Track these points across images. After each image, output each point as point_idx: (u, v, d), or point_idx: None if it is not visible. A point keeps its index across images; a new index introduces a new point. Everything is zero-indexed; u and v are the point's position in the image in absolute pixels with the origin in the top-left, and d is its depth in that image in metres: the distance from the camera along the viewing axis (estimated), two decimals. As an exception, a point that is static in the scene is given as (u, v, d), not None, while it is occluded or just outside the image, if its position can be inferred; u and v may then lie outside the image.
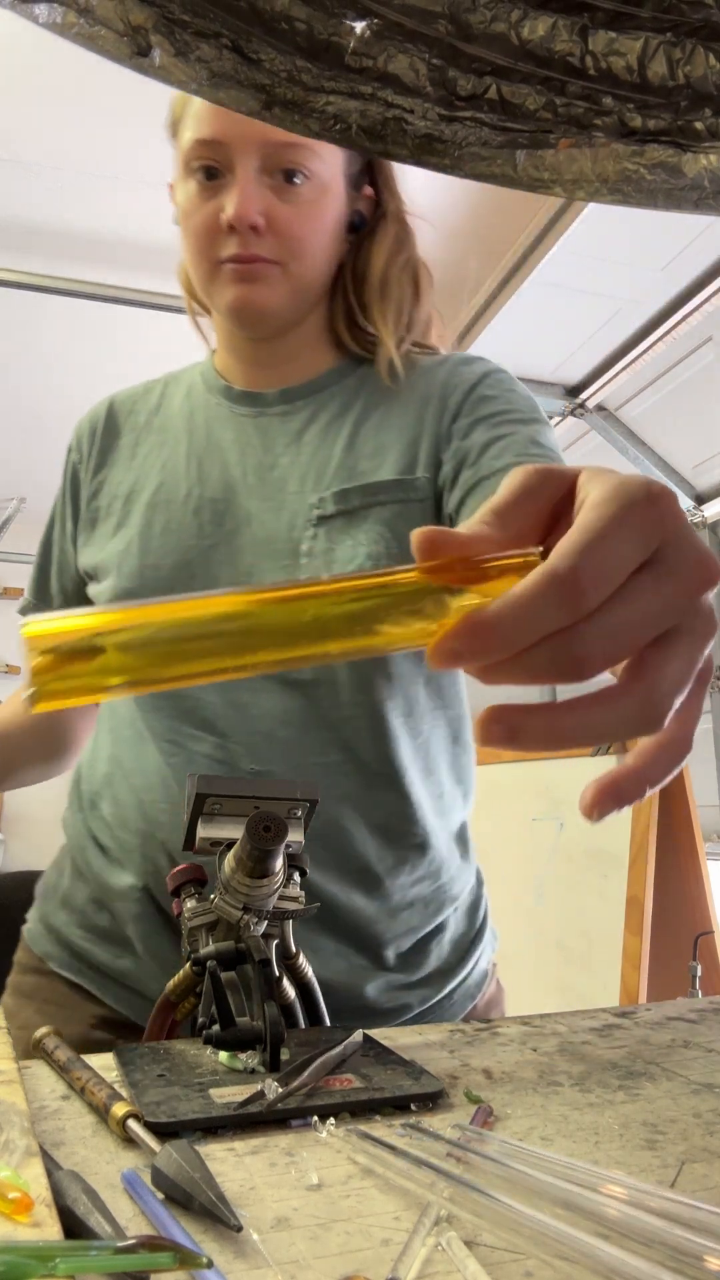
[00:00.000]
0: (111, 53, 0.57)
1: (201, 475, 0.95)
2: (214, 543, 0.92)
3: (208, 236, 0.88)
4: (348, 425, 0.94)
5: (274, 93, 0.58)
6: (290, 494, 0.92)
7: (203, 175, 0.87)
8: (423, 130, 0.60)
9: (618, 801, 0.40)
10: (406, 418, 0.94)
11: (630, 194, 0.62)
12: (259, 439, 0.96)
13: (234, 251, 0.87)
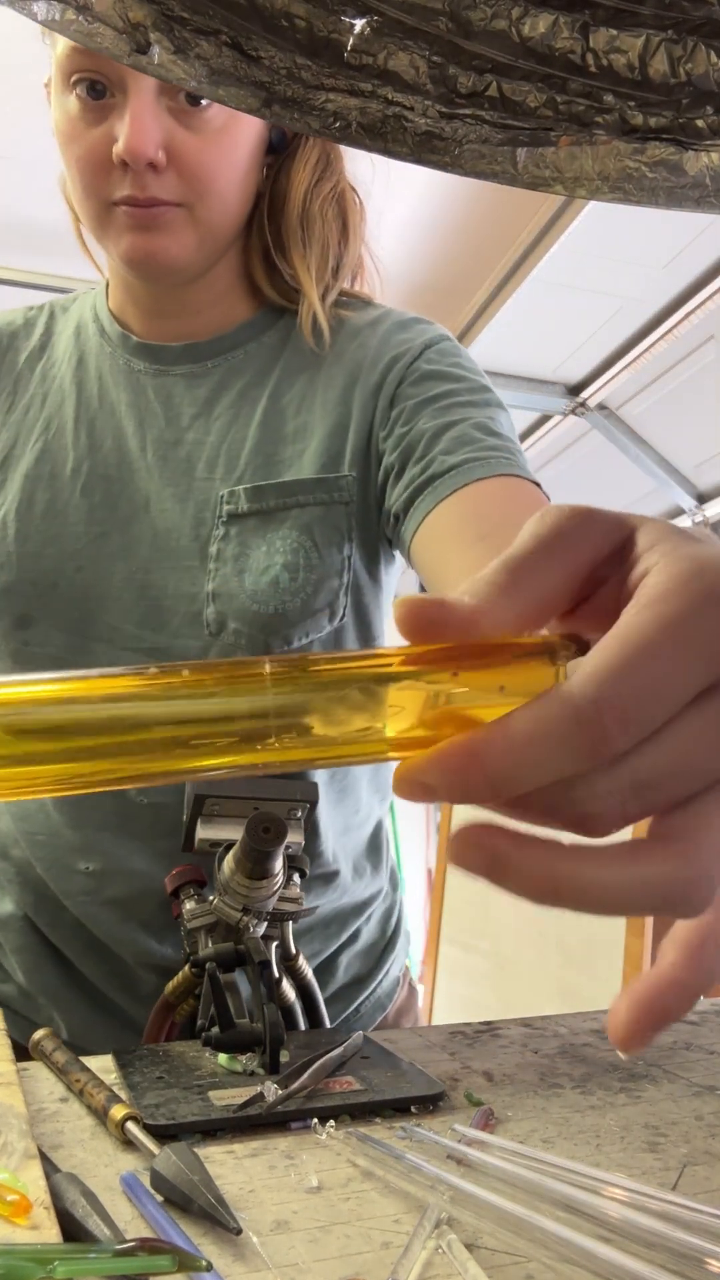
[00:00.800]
0: (110, 50, 0.57)
1: (92, 444, 0.82)
2: (105, 530, 0.80)
3: (96, 171, 0.72)
4: (264, 397, 0.82)
5: (273, 90, 0.58)
6: (198, 480, 0.80)
7: (86, 91, 0.70)
8: (423, 128, 0.60)
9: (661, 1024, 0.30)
10: (332, 392, 0.82)
11: (631, 192, 0.62)
12: (161, 406, 0.83)
13: (128, 193, 0.72)
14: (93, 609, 0.80)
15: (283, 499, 0.79)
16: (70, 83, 0.72)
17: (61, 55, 0.72)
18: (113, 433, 0.83)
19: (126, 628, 0.80)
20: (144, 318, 0.85)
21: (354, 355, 0.84)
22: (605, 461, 3.00)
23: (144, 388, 0.84)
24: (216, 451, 0.81)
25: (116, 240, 0.76)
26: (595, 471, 3.11)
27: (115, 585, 0.80)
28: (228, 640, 0.79)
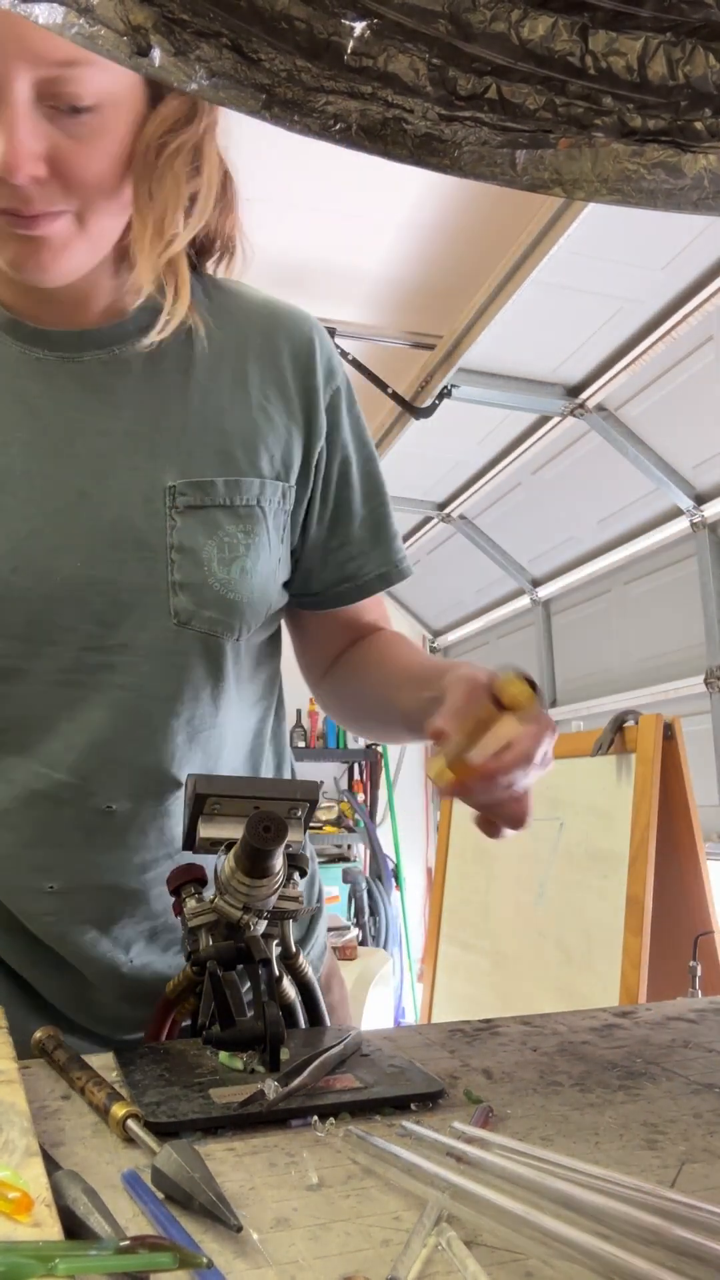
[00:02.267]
0: (111, 52, 0.57)
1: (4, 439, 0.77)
2: (36, 527, 0.76)
3: None
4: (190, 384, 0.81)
5: (274, 92, 0.58)
6: (138, 469, 0.78)
7: None
8: (423, 130, 0.60)
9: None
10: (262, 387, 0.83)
11: (630, 194, 0.62)
12: (79, 394, 0.79)
13: (10, 205, 0.67)
14: (38, 611, 0.77)
15: (241, 496, 0.81)
16: None
17: None
18: (27, 425, 0.78)
19: (83, 626, 0.77)
20: (34, 304, 0.79)
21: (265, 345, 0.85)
22: (604, 462, 3.00)
23: (53, 375, 0.79)
24: (151, 440, 0.79)
25: (3, 249, 0.72)
26: (594, 472, 3.11)
27: (58, 583, 0.77)
28: (199, 628, 0.79)
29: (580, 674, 3.66)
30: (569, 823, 2.38)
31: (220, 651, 0.82)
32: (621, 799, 2.18)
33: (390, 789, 4.75)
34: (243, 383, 0.84)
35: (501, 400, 2.82)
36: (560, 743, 1.75)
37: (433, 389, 2.72)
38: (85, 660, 0.78)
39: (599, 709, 3.41)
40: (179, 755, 0.81)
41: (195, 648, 0.80)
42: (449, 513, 3.79)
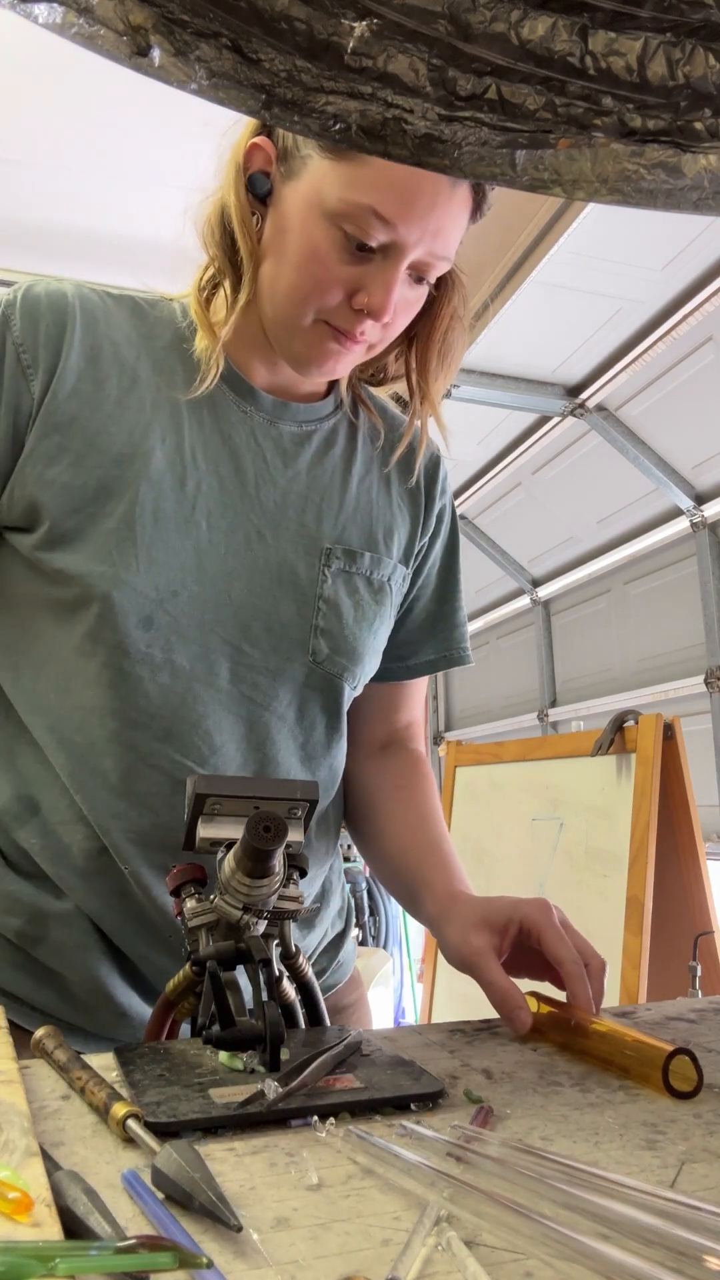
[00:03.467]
0: (111, 52, 0.57)
1: (207, 467, 0.89)
2: (222, 552, 0.88)
3: (325, 294, 0.82)
4: (354, 470, 0.98)
5: (274, 92, 0.58)
6: (306, 526, 0.92)
7: (354, 241, 0.80)
8: (422, 130, 0.60)
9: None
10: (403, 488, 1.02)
11: (630, 194, 0.62)
12: (270, 451, 0.93)
13: (346, 326, 0.84)
14: (208, 620, 0.88)
15: (378, 572, 0.97)
16: (343, 225, 0.80)
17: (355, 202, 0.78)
18: (227, 462, 0.90)
19: (238, 643, 0.89)
20: (260, 368, 0.93)
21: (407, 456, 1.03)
22: (604, 462, 3.00)
23: (255, 431, 0.93)
24: (318, 506, 0.94)
25: (306, 343, 0.87)
26: (594, 472, 3.11)
27: (227, 600, 0.88)
28: (327, 669, 0.93)
29: (580, 674, 3.67)
30: (569, 823, 2.38)
31: (339, 693, 0.95)
32: (621, 799, 2.18)
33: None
34: (388, 481, 1.01)
35: (501, 400, 2.82)
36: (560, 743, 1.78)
37: (433, 389, 2.72)
38: (235, 673, 0.89)
39: (599, 709, 3.41)
40: (294, 773, 0.94)
41: (321, 684, 0.93)
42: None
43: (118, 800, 0.87)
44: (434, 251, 0.82)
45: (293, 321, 0.85)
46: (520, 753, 2.72)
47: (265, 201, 0.85)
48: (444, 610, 1.08)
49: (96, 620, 0.85)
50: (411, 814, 1.01)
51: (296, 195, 0.82)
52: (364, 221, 0.78)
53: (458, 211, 0.81)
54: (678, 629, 3.10)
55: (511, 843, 2.66)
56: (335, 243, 0.80)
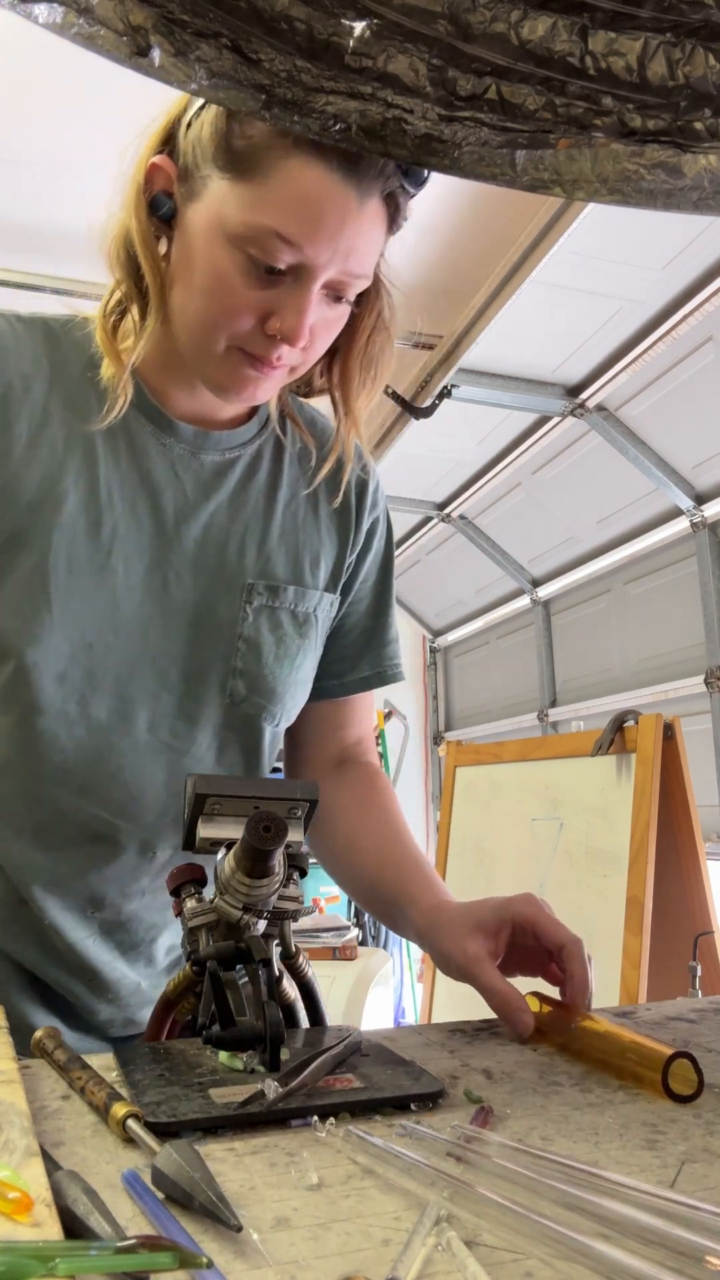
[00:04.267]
0: (111, 52, 0.57)
1: (125, 509, 0.85)
2: (140, 598, 0.86)
3: (239, 321, 0.78)
4: (279, 499, 0.94)
5: (273, 93, 0.58)
6: (227, 564, 0.89)
7: (260, 264, 0.75)
8: (422, 130, 0.60)
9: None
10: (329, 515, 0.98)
11: (630, 194, 0.62)
12: (191, 486, 0.89)
13: (262, 352, 0.79)
14: (125, 674, 0.86)
15: (303, 604, 0.94)
16: (247, 248, 0.75)
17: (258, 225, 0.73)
18: (145, 500, 0.87)
19: (156, 690, 0.88)
20: (180, 396, 0.89)
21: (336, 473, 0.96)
22: (604, 462, 3.00)
23: (175, 463, 0.88)
24: (241, 539, 0.91)
25: (221, 371, 0.82)
26: (594, 472, 3.11)
27: (148, 651, 0.87)
28: (245, 710, 0.92)
29: (580, 674, 3.67)
30: (569, 823, 2.38)
31: (259, 732, 0.94)
32: (621, 799, 2.18)
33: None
34: (316, 502, 0.97)
35: (501, 400, 2.82)
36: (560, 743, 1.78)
37: (433, 389, 2.72)
38: (153, 721, 0.88)
39: (599, 709, 3.41)
40: None
41: (240, 726, 0.92)
42: (449, 513, 3.79)
43: (34, 853, 0.88)
44: (348, 270, 0.77)
45: (205, 349, 0.81)
46: (520, 753, 2.72)
47: (170, 223, 0.81)
48: (377, 626, 1.05)
49: (10, 679, 0.83)
50: (380, 830, 0.98)
51: (199, 217, 0.77)
52: (268, 245, 0.74)
53: (369, 227, 0.76)
54: (678, 629, 3.10)
55: (511, 843, 2.66)
56: (240, 267, 0.76)
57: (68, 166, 2.26)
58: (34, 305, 0.96)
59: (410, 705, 5.00)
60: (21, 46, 1.90)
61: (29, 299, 2.52)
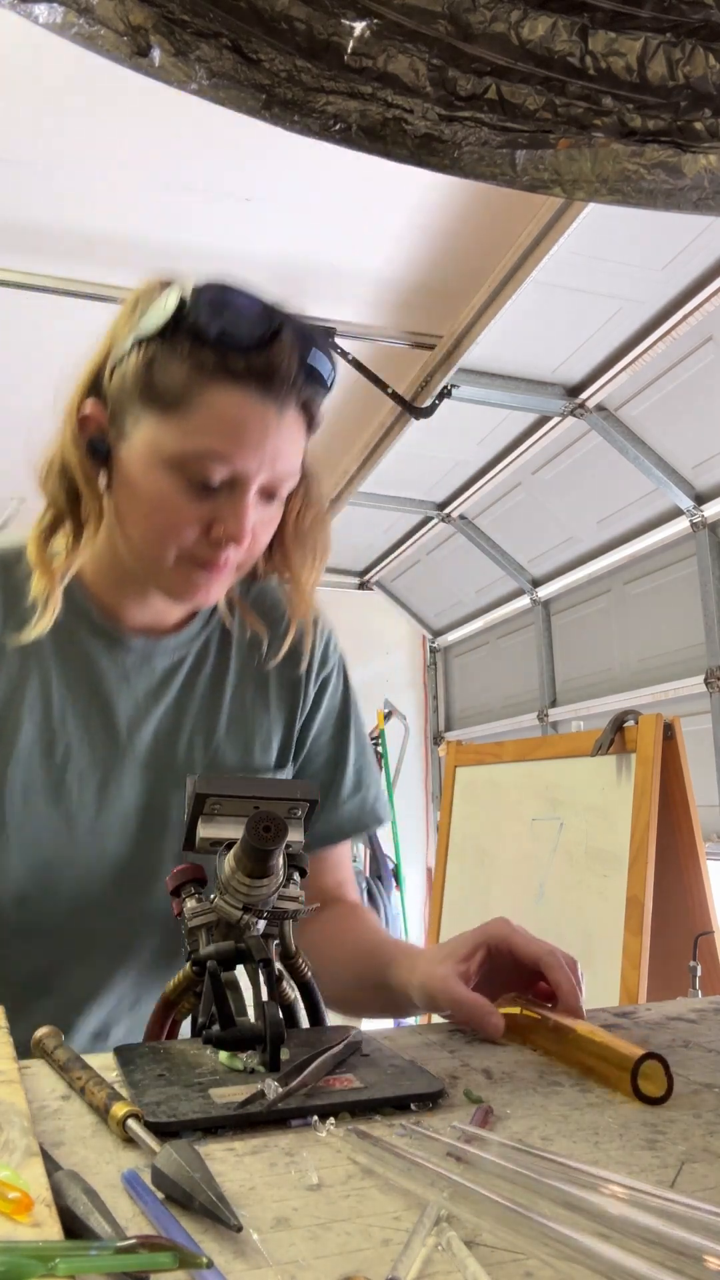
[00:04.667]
0: (111, 52, 0.57)
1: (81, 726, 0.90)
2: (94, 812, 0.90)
3: (184, 533, 0.84)
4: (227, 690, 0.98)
5: (274, 92, 0.58)
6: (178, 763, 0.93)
7: (198, 483, 0.82)
8: (422, 130, 0.60)
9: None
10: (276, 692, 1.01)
11: (630, 194, 0.62)
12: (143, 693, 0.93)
13: (209, 556, 0.85)
14: (83, 887, 0.89)
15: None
16: (184, 470, 0.82)
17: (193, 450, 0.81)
18: (98, 715, 0.92)
19: (116, 901, 0.91)
20: (131, 606, 0.93)
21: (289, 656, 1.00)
22: (604, 462, 3.00)
23: (125, 673, 0.93)
24: (189, 736, 0.95)
25: (174, 580, 0.87)
26: (594, 472, 3.11)
27: (105, 860, 0.90)
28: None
29: (580, 674, 3.66)
30: (569, 823, 2.38)
31: None
32: (621, 799, 2.18)
33: (390, 789, 4.76)
34: (265, 688, 1.00)
35: (501, 400, 2.82)
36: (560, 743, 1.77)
37: (433, 389, 2.72)
38: (108, 926, 0.90)
39: (599, 709, 3.41)
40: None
41: None
42: (449, 513, 3.79)
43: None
44: (276, 474, 0.84)
45: (156, 563, 0.86)
46: (520, 753, 2.72)
47: (106, 459, 0.87)
48: (335, 780, 1.04)
49: None
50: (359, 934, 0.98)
51: (134, 452, 0.84)
52: (203, 466, 0.81)
53: (290, 433, 0.83)
54: (678, 629, 3.10)
55: (511, 843, 2.66)
56: (181, 488, 0.82)
57: (68, 167, 2.26)
58: (34, 305, 0.96)
59: (410, 705, 5.00)
60: (21, 46, 1.90)
61: (29, 299, 2.52)
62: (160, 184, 2.29)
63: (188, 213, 2.38)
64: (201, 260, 2.64)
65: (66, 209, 2.38)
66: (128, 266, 2.64)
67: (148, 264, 1.03)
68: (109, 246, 2.51)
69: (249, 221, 2.42)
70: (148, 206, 2.36)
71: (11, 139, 2.16)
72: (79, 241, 2.50)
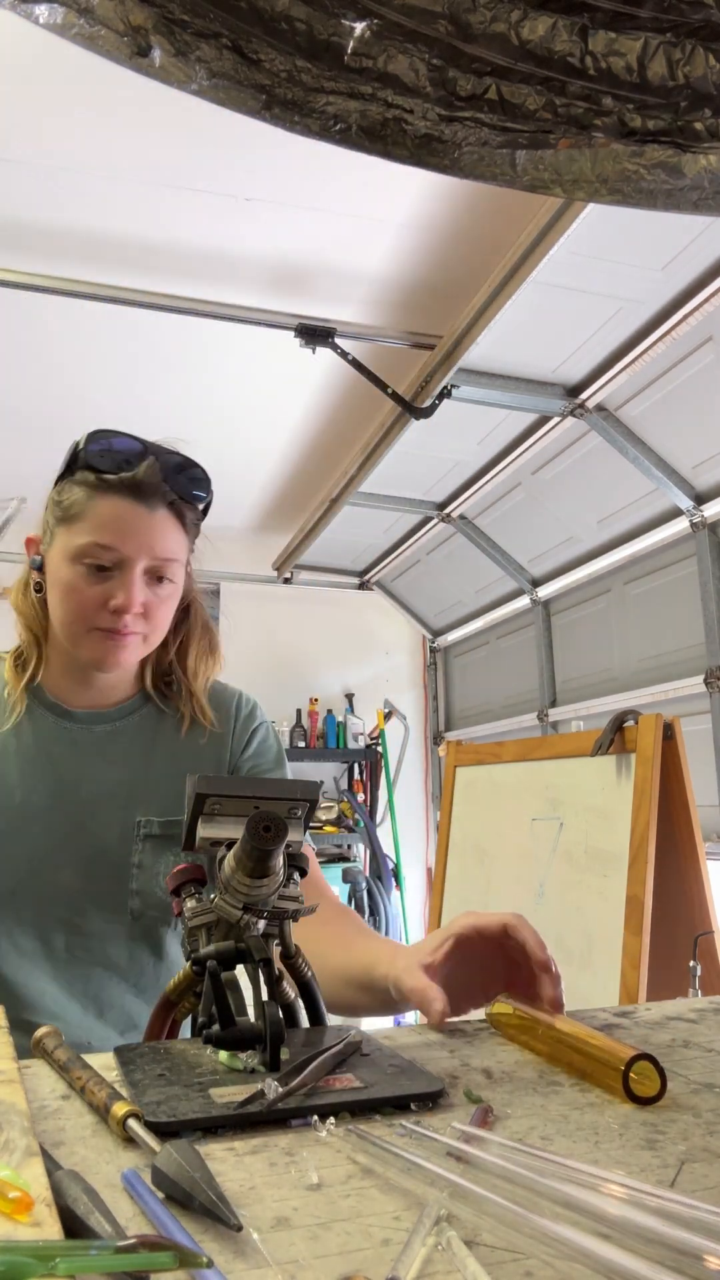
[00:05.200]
0: (112, 53, 0.57)
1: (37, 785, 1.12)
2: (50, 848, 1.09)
3: (90, 610, 1.07)
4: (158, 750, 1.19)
5: (274, 93, 0.58)
6: (119, 809, 1.13)
7: (94, 570, 1.06)
8: (422, 130, 0.60)
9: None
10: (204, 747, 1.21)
11: (630, 194, 0.62)
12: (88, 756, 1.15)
13: (113, 625, 1.08)
14: (42, 906, 1.09)
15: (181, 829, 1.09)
16: (82, 560, 1.06)
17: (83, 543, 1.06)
18: (51, 773, 1.13)
19: (69, 918, 1.09)
20: (77, 691, 1.18)
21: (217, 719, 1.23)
22: (604, 463, 3.00)
23: (75, 741, 1.16)
24: (129, 787, 1.15)
25: (91, 649, 1.10)
26: (593, 473, 3.11)
27: (63, 890, 1.09)
28: (144, 923, 1.11)
29: (580, 674, 3.66)
30: (569, 822, 2.38)
31: (161, 936, 1.14)
32: (621, 799, 2.18)
33: (390, 789, 4.76)
34: (196, 742, 1.21)
35: (501, 400, 2.82)
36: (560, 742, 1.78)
37: (433, 389, 2.72)
38: (69, 943, 1.09)
39: (599, 709, 3.41)
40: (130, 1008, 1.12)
41: (144, 934, 1.12)
42: (449, 513, 3.79)
43: None
44: (155, 556, 1.07)
45: (76, 638, 1.10)
46: (520, 753, 2.72)
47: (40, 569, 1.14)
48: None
49: None
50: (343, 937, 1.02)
51: (53, 557, 1.11)
52: (94, 553, 1.06)
53: (162, 527, 1.07)
54: (678, 629, 3.10)
55: (511, 843, 2.66)
56: (81, 575, 1.07)
57: (68, 166, 2.26)
58: (34, 305, 0.96)
59: (410, 705, 5.01)
60: (22, 47, 1.90)
61: (29, 299, 2.53)
62: (160, 184, 2.29)
63: (188, 213, 2.38)
64: (202, 260, 2.64)
65: (66, 209, 2.38)
66: (128, 266, 2.64)
67: (148, 264, 1.03)
68: (109, 246, 2.51)
69: (249, 221, 2.42)
70: (148, 206, 2.36)
71: (12, 139, 2.16)
72: (79, 241, 2.50)
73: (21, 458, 3.75)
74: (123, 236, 2.46)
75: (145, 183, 2.29)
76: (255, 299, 2.63)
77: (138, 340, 2.90)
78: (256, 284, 2.63)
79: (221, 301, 2.58)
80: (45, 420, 3.38)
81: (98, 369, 3.09)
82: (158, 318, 2.60)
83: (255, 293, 2.64)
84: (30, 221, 2.44)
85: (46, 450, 2.80)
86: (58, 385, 3.21)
